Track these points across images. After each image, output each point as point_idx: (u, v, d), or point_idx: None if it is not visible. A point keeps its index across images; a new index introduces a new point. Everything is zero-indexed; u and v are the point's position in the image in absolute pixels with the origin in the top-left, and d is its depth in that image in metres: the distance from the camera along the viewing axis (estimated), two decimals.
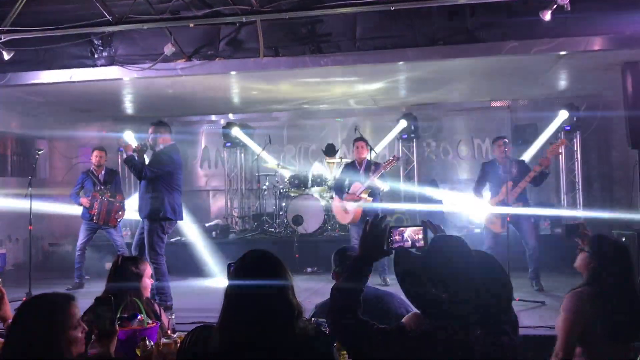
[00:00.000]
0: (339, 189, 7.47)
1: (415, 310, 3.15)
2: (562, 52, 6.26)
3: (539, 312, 5.45)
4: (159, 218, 6.00)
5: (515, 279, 5.19)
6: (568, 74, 7.88)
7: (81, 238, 7.46)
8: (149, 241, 5.98)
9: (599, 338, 2.88)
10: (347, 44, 6.61)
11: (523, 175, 6.57)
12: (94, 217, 7.32)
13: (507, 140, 6.86)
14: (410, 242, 2.14)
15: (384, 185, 7.27)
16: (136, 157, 6.01)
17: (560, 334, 2.96)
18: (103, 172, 7.69)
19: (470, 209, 8.90)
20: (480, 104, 10.13)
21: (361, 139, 7.54)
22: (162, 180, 6.05)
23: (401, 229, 2.16)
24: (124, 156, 6.10)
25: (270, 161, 10.19)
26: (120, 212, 7.52)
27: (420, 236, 2.14)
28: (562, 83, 8.44)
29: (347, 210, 7.29)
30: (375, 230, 2.14)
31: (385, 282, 6.80)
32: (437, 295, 1.97)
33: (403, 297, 3.42)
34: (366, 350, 2.03)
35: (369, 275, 2.15)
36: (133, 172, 6.20)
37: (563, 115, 9.17)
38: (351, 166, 7.52)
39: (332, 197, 8.31)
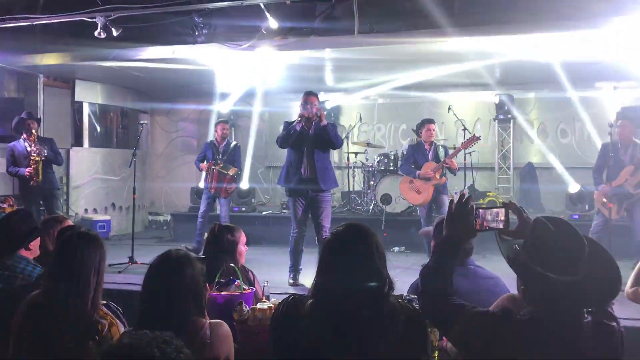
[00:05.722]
0: (409, 169, 7.33)
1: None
2: None
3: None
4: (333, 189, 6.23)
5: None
6: None
7: (202, 207, 7.80)
8: (327, 212, 5.94)
9: None
10: (445, 20, 6.43)
11: None
12: (208, 186, 7.66)
13: (629, 121, 6.39)
14: (493, 223, 2.11)
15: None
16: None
17: None
18: (224, 144, 7.91)
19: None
20: (583, 85, 9.54)
21: (432, 121, 7.35)
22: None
23: (484, 209, 2.13)
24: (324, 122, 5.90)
25: (360, 139, 10.19)
26: (231, 185, 7.69)
27: (503, 218, 2.10)
28: None
29: (419, 190, 7.15)
30: (462, 210, 2.11)
31: None
32: (546, 278, 1.90)
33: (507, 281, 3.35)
34: (463, 333, 2.00)
35: (457, 255, 2.13)
36: (334, 139, 5.93)
37: None
38: (419, 147, 7.35)
39: None
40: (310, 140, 5.89)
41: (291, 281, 5.83)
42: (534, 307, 1.96)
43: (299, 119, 5.85)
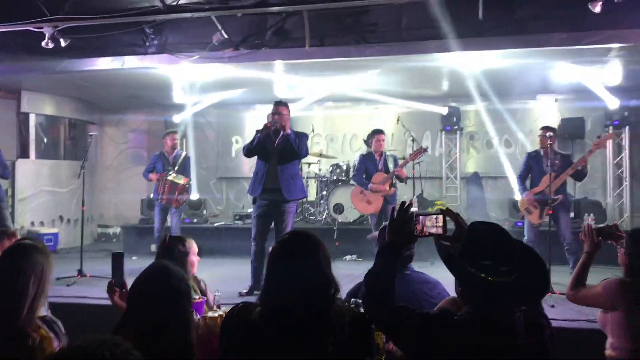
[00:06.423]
0: (361, 179, 7.55)
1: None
2: (615, 45, 6.12)
3: (578, 305, 5.36)
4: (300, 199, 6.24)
5: (556, 272, 5.14)
6: (619, 67, 7.69)
7: (156, 221, 7.68)
8: (288, 224, 5.95)
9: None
10: (392, 35, 6.64)
11: (565, 168, 6.51)
12: (160, 197, 7.58)
13: (551, 132, 6.72)
14: (432, 229, 2.24)
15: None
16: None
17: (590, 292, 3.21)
18: (174, 154, 7.87)
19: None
20: (525, 97, 9.94)
21: (382, 131, 7.63)
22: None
23: (423, 216, 2.26)
24: (288, 132, 5.89)
25: (313, 150, 10.29)
26: (183, 195, 7.69)
27: (440, 223, 2.23)
28: (613, 77, 8.22)
29: (370, 201, 7.45)
30: (402, 217, 2.23)
31: None
32: (479, 279, 2.03)
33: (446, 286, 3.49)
34: (406, 335, 2.10)
35: (398, 260, 2.24)
36: (298, 148, 5.90)
37: (613, 104, 8.70)
38: (369, 157, 7.60)
39: None
40: (276, 151, 5.95)
41: (243, 292, 5.85)
42: (470, 308, 2.09)
43: (263, 129, 5.89)
